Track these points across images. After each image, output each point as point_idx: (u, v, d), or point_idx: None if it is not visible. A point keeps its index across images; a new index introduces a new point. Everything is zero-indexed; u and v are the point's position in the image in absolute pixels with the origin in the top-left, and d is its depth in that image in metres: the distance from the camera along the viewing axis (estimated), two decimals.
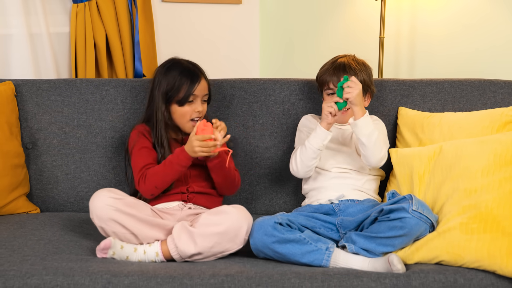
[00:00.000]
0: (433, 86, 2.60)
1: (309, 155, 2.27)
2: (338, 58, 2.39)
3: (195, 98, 2.33)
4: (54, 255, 1.99)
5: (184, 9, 3.44)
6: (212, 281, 1.84)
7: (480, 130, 2.29)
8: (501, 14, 2.78)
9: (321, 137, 2.24)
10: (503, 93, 2.58)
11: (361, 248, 2.01)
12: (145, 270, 1.88)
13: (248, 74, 3.60)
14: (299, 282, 1.86)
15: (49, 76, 2.95)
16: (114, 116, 2.58)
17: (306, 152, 2.27)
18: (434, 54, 3.06)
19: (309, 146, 2.26)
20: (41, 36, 2.93)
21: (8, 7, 2.84)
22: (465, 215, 1.96)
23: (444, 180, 2.09)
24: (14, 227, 2.24)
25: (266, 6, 3.63)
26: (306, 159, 2.28)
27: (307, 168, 2.30)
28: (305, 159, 2.28)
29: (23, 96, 2.59)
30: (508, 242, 1.89)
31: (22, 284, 1.82)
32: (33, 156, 2.56)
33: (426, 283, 1.86)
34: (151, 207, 2.20)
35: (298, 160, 2.30)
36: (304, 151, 2.28)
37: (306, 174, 2.33)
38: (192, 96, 2.32)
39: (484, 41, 2.85)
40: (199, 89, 2.34)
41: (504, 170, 1.99)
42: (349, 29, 3.36)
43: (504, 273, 1.86)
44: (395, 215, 1.97)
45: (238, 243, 2.04)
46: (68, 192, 2.54)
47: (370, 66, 2.41)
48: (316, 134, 2.25)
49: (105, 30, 3.05)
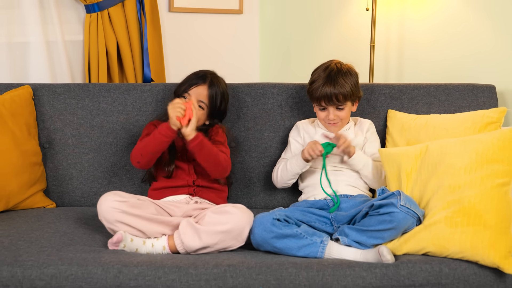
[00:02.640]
0: (420, 90, 2.60)
1: (288, 176, 2.36)
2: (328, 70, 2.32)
3: (189, 98, 2.33)
4: (69, 247, 1.99)
5: (189, 19, 3.43)
6: (216, 271, 1.84)
7: (463, 130, 2.29)
8: (483, 23, 2.77)
9: (300, 166, 2.32)
10: (484, 96, 2.57)
11: (353, 241, 2.00)
12: (153, 261, 1.88)
13: (248, 79, 3.60)
14: (296, 271, 1.86)
15: (64, 80, 2.95)
16: (124, 117, 2.58)
17: (286, 173, 2.37)
18: (421, 60, 3.05)
19: (289, 169, 2.34)
20: (57, 43, 2.93)
21: (26, 17, 2.85)
22: (449, 210, 1.96)
23: (430, 177, 2.08)
24: (32, 220, 2.24)
25: (266, 16, 3.63)
26: (286, 178, 2.38)
27: (285, 184, 2.41)
28: (285, 178, 2.38)
29: (40, 99, 2.58)
30: (490, 234, 1.88)
31: (39, 273, 1.82)
32: (50, 155, 2.56)
33: (413, 272, 1.86)
34: (157, 203, 2.18)
35: (278, 175, 2.40)
36: (285, 171, 2.37)
37: (283, 187, 2.45)
38: (187, 94, 2.34)
39: (467, 48, 2.85)
40: (195, 91, 2.34)
41: (485, 168, 1.98)
42: (342, 37, 3.36)
43: (486, 263, 1.87)
44: (385, 210, 1.97)
45: (241, 240, 2.03)
46: (82, 188, 2.54)
47: (356, 72, 2.38)
48: (296, 162, 2.32)
49: (116, 38, 3.05)
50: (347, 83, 2.30)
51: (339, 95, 2.28)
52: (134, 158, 2.30)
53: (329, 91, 2.28)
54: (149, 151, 2.25)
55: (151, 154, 2.26)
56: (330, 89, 2.28)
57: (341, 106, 2.32)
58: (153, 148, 2.25)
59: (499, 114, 2.26)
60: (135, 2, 3.07)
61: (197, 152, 2.23)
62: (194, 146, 2.22)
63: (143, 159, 2.27)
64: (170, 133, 2.22)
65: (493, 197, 1.94)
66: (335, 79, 2.29)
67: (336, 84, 2.28)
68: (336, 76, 2.30)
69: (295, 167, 2.32)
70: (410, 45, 3.09)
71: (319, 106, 2.35)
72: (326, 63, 2.38)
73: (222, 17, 3.52)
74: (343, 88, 2.28)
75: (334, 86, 2.28)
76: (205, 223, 2.03)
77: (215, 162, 2.27)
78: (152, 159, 2.28)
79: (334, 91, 2.28)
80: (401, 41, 3.13)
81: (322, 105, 2.32)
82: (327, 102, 2.30)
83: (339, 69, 2.32)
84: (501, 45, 2.73)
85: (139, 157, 2.27)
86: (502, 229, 1.90)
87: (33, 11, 2.84)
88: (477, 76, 2.79)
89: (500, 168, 1.97)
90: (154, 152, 2.26)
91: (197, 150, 2.23)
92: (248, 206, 2.17)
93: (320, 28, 3.44)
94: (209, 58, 3.50)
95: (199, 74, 2.40)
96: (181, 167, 2.35)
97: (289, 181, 2.38)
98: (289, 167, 2.34)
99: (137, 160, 2.28)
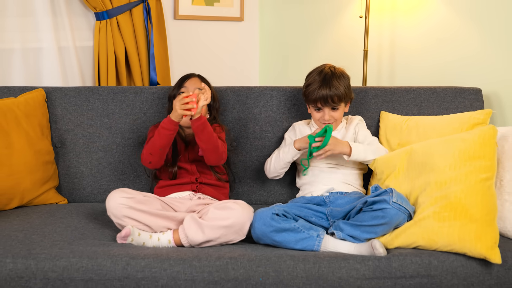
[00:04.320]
0: (410, 93, 2.60)
1: (281, 165, 2.37)
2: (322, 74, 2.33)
3: (186, 90, 2.36)
4: (79, 240, 1.99)
5: (193, 26, 3.43)
6: (218, 263, 1.84)
7: (451, 131, 2.29)
8: (470, 30, 2.77)
9: (292, 154, 2.32)
10: (471, 99, 2.57)
11: (348, 235, 2.00)
12: (159, 254, 1.88)
13: (249, 82, 3.60)
14: (293, 264, 1.85)
15: (75, 84, 2.95)
16: (132, 119, 2.58)
17: (279, 162, 2.36)
18: (411, 65, 3.05)
19: (282, 157, 2.35)
20: (68, 49, 2.93)
21: (40, 24, 2.85)
22: (437, 205, 1.96)
23: (417, 175, 2.08)
24: (45, 215, 2.24)
25: (265, 23, 3.63)
26: (278, 167, 2.38)
27: (277, 173, 2.41)
28: (277, 167, 2.38)
29: (52, 101, 2.58)
30: (476, 227, 1.88)
31: (52, 265, 1.82)
32: (62, 154, 2.56)
33: (404, 264, 1.86)
34: (162, 200, 2.19)
35: (272, 165, 2.40)
36: (278, 160, 2.37)
37: (274, 178, 2.44)
38: (184, 88, 2.37)
39: (455, 53, 2.84)
40: (189, 83, 2.38)
41: (468, 164, 1.98)
42: (337, 43, 3.36)
43: (474, 254, 1.87)
44: (378, 206, 1.97)
45: (242, 234, 2.03)
46: (92, 185, 2.54)
47: (348, 75, 2.38)
48: (288, 150, 2.32)
49: (124, 44, 3.04)
50: (341, 85, 2.31)
51: (334, 96, 2.29)
52: (145, 160, 2.29)
53: (325, 93, 2.28)
54: (157, 147, 2.25)
55: (160, 150, 2.26)
56: (326, 91, 2.28)
57: (336, 107, 2.32)
58: (160, 143, 2.24)
59: (485, 116, 2.26)
60: (142, 10, 3.07)
61: (200, 132, 2.22)
62: (198, 125, 2.21)
63: (154, 157, 2.27)
64: (173, 126, 2.23)
65: (478, 192, 1.94)
66: (330, 81, 2.30)
67: (332, 86, 2.29)
68: (331, 79, 2.30)
69: (287, 155, 2.33)
70: (401, 50, 3.09)
71: (315, 108, 2.35)
72: (320, 67, 2.38)
73: (224, 24, 3.52)
74: (338, 90, 2.29)
75: (330, 88, 2.29)
76: (208, 218, 2.03)
77: (214, 147, 2.25)
78: (162, 155, 2.27)
79: (329, 93, 2.28)
80: (393, 47, 3.13)
81: (318, 106, 2.32)
82: (323, 104, 2.31)
83: (333, 73, 2.33)
84: (487, 51, 2.73)
85: (150, 157, 2.27)
86: (487, 222, 1.90)
87: (46, 19, 2.84)
88: (464, 80, 2.79)
89: (482, 163, 1.97)
90: (162, 147, 2.25)
91: (200, 130, 2.22)
92: (248, 202, 2.18)
93: (316, 35, 3.44)
94: (212, 63, 3.50)
95: (185, 75, 2.45)
96: (184, 168, 2.35)
97: (281, 170, 2.38)
98: (282, 156, 2.35)
99: (149, 160, 2.28)
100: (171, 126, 2.22)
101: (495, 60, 2.71)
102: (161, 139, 2.24)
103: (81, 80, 2.98)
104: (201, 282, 1.82)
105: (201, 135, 2.23)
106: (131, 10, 3.04)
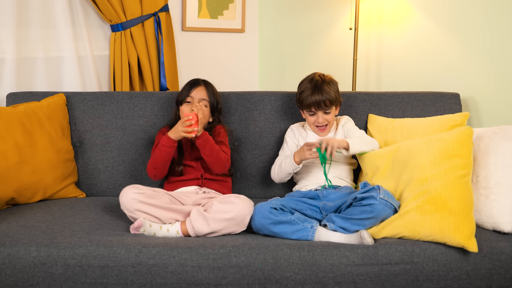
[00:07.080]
0: (395, 97, 2.60)
1: (283, 175, 2.35)
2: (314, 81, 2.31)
3: (192, 100, 2.34)
4: (96, 231, 1.99)
5: (199, 37, 3.43)
6: (222, 251, 1.84)
7: (432, 132, 2.28)
8: (449, 41, 2.77)
9: (292, 167, 2.30)
10: (450, 102, 2.57)
11: (339, 227, 2.00)
12: (168, 242, 1.88)
13: (249, 88, 3.59)
14: (290, 251, 1.85)
15: (93, 89, 2.95)
16: (144, 120, 2.58)
17: (281, 172, 2.35)
18: (396, 72, 3.05)
19: (283, 168, 2.33)
20: (86, 58, 2.93)
21: (61, 35, 2.84)
22: (419, 200, 1.96)
23: (401, 173, 2.08)
24: (65, 208, 2.24)
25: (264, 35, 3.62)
26: (282, 176, 2.37)
27: (281, 180, 2.40)
28: (281, 175, 2.37)
29: (72, 105, 2.58)
30: (455, 219, 1.88)
31: (72, 253, 1.82)
32: (80, 152, 2.56)
33: (390, 252, 1.86)
34: (170, 194, 2.18)
35: (276, 172, 2.38)
36: (280, 170, 2.35)
37: (281, 182, 2.42)
38: (190, 97, 2.34)
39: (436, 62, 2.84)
40: (195, 92, 2.37)
41: (447, 162, 1.98)
42: (329, 52, 3.36)
43: (453, 243, 1.87)
44: (366, 202, 1.97)
45: (243, 226, 2.03)
46: (108, 181, 2.54)
47: (336, 81, 2.38)
48: (290, 163, 2.30)
49: (137, 53, 3.04)
50: (331, 90, 2.31)
51: (326, 101, 2.29)
52: (150, 173, 2.31)
53: (318, 98, 2.28)
54: (159, 163, 2.27)
55: (162, 165, 2.28)
56: (319, 96, 2.28)
57: (328, 110, 2.32)
58: (161, 159, 2.26)
59: (462, 118, 2.26)
60: (153, 22, 3.06)
61: (202, 148, 2.24)
62: (200, 142, 2.23)
63: (157, 171, 2.29)
64: (172, 143, 2.24)
65: (456, 187, 1.93)
66: (321, 87, 2.30)
67: (323, 92, 2.29)
68: (322, 85, 2.30)
69: (288, 167, 2.31)
70: (387, 59, 3.09)
71: (309, 112, 2.34)
72: (310, 76, 2.38)
73: (227, 35, 3.52)
74: (329, 94, 2.29)
75: (322, 93, 2.28)
76: (213, 211, 2.03)
77: (217, 159, 2.27)
78: (164, 169, 2.29)
79: (322, 98, 2.28)
80: (379, 56, 3.12)
81: (312, 110, 2.32)
82: (316, 108, 2.30)
83: (323, 79, 2.33)
84: (465, 59, 2.73)
85: (153, 171, 2.29)
86: (465, 214, 1.89)
87: (66, 31, 2.83)
88: (444, 86, 2.79)
89: (460, 161, 1.96)
90: (164, 162, 2.27)
91: (202, 145, 2.24)
92: (249, 196, 2.18)
93: (311, 45, 3.44)
94: (216, 70, 3.49)
95: (192, 81, 2.44)
96: (190, 165, 2.35)
97: (284, 178, 2.37)
98: (283, 167, 2.33)
99: (153, 174, 2.30)
100: (170, 143, 2.24)
101: (472, 68, 2.71)
102: (162, 155, 2.25)
103: (98, 85, 2.98)
104: (206, 268, 1.82)
105: (204, 150, 2.25)
106: (143, 22, 3.04)
